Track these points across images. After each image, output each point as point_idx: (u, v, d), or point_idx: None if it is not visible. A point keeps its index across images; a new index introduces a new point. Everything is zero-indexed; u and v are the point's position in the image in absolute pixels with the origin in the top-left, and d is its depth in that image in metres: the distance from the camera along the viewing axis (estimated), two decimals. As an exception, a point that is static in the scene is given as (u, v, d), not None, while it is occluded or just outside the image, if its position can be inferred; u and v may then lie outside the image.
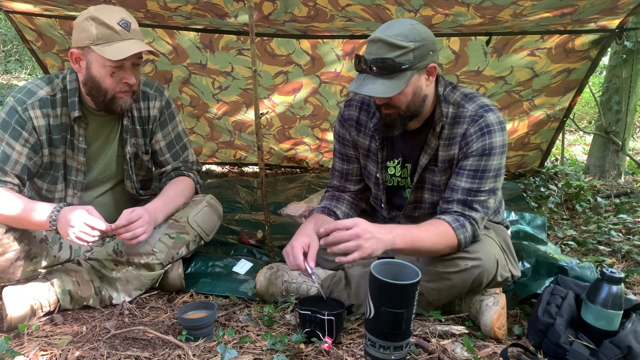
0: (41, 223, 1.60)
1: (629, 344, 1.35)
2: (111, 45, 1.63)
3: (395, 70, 1.48)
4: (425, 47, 1.50)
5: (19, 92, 1.73)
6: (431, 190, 1.72)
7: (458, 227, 1.54)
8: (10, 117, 1.69)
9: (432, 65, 1.54)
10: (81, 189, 1.88)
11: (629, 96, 4.12)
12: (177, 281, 1.87)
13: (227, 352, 1.36)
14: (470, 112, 1.59)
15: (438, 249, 1.54)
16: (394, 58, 1.47)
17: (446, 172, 1.66)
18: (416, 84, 1.54)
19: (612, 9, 2.44)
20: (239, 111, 3.69)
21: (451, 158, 1.63)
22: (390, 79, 1.49)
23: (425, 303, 1.62)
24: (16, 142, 1.69)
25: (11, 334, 1.54)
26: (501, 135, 1.57)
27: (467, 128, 1.58)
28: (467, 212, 1.57)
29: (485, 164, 1.57)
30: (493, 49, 3.03)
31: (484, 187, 1.58)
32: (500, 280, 1.63)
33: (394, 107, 1.56)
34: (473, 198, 1.58)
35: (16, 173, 1.70)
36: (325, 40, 3.10)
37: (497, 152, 1.57)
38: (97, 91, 1.71)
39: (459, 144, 1.60)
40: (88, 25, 1.64)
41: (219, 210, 2.03)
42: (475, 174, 1.58)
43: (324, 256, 1.85)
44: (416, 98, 1.56)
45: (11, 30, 8.24)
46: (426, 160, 1.66)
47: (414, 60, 1.48)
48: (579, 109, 7.95)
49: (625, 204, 3.22)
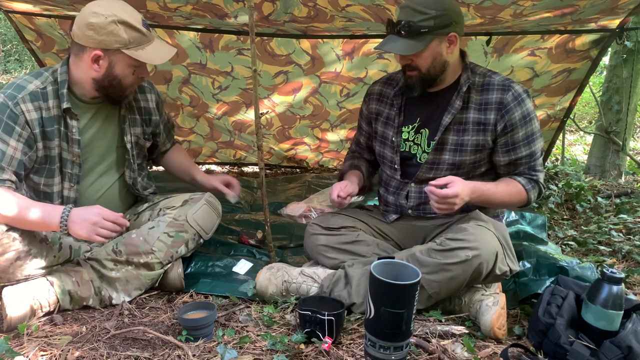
0: (49, 224, 1.62)
1: (629, 344, 1.35)
2: (144, 48, 1.73)
3: (416, 32, 1.68)
4: (447, 17, 1.69)
5: (8, 88, 1.73)
6: (453, 150, 1.82)
7: (530, 188, 1.81)
8: (2, 113, 1.68)
9: (453, 34, 1.72)
10: (77, 181, 1.87)
11: (630, 96, 4.12)
12: (177, 281, 1.87)
13: (227, 352, 1.36)
14: (497, 81, 1.80)
15: (512, 203, 1.84)
16: (417, 22, 1.67)
17: (479, 134, 1.80)
18: (436, 49, 1.72)
19: (612, 9, 2.44)
20: (239, 111, 3.69)
21: (486, 122, 1.78)
22: (411, 40, 1.69)
23: (425, 297, 1.63)
24: (10, 138, 1.68)
25: (11, 334, 1.54)
26: (530, 100, 1.81)
27: (502, 97, 1.76)
28: (534, 175, 1.82)
29: (530, 129, 1.79)
30: (493, 48, 3.03)
31: (537, 148, 1.82)
32: (499, 273, 1.63)
33: (416, 69, 1.76)
34: (534, 162, 1.82)
35: (13, 169, 1.69)
36: (325, 40, 3.09)
37: (534, 116, 1.81)
38: (116, 88, 1.79)
39: (495, 110, 1.77)
40: (117, 29, 1.67)
41: (218, 209, 2.03)
42: (528, 141, 1.79)
43: (324, 253, 1.87)
44: (436, 62, 1.74)
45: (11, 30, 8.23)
46: (449, 119, 1.79)
47: (435, 26, 1.68)
48: (580, 109, 7.95)
49: (626, 204, 3.22)
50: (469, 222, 1.69)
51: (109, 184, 1.97)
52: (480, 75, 1.82)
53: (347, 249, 1.85)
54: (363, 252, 1.83)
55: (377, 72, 3.29)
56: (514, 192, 1.80)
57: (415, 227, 1.94)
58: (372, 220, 2.00)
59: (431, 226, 1.90)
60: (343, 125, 3.78)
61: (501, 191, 1.79)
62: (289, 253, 2.31)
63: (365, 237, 1.89)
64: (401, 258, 1.65)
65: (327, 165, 4.20)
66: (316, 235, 1.90)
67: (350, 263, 1.76)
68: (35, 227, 1.65)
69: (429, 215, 1.91)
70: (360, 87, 3.42)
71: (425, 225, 1.92)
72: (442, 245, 1.63)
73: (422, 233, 1.91)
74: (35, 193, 1.86)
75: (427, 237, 1.88)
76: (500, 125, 1.77)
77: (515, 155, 1.81)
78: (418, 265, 1.57)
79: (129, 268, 1.78)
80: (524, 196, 1.81)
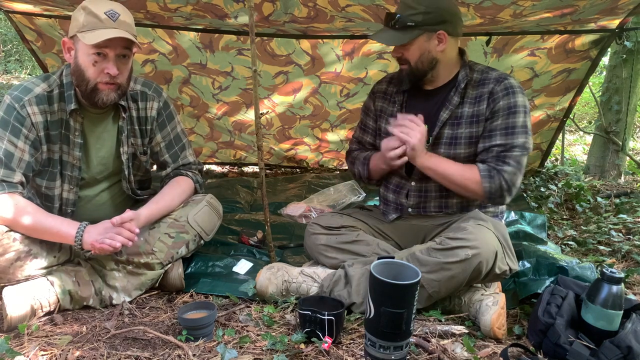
0: (65, 237, 1.69)
1: (629, 344, 1.35)
2: (93, 32, 1.63)
3: (404, 25, 1.74)
4: (437, 14, 1.73)
5: (15, 90, 1.74)
6: (448, 144, 1.84)
7: (486, 176, 1.74)
8: (9, 115, 1.70)
9: (442, 32, 1.75)
10: (77, 184, 1.87)
11: (629, 96, 4.11)
12: (177, 281, 1.87)
13: (227, 352, 1.36)
14: (494, 76, 1.82)
15: (463, 183, 1.77)
16: (406, 15, 1.73)
17: (472, 126, 1.81)
18: (424, 44, 1.77)
19: (612, 9, 2.44)
20: (239, 111, 3.69)
21: (479, 113, 1.80)
22: (398, 32, 1.77)
23: (425, 296, 1.63)
24: (17, 140, 1.70)
25: (11, 334, 1.54)
26: (523, 97, 1.78)
27: (494, 87, 1.79)
28: (499, 166, 1.74)
29: (513, 121, 1.75)
30: (493, 49, 3.03)
31: (516, 142, 1.74)
32: (499, 272, 1.63)
33: (405, 62, 1.83)
34: (506, 154, 1.74)
35: (22, 171, 1.70)
36: (325, 40, 3.10)
37: (521, 111, 1.76)
38: (81, 80, 1.72)
39: (486, 100, 1.79)
40: (78, 14, 1.67)
41: (218, 210, 2.03)
42: (507, 132, 1.75)
43: (324, 253, 1.87)
44: (424, 58, 1.79)
45: (11, 30, 8.22)
46: (447, 115, 1.82)
47: (422, 22, 1.73)
48: (579, 109, 7.94)
49: (626, 204, 3.22)
50: (468, 221, 1.69)
51: (109, 191, 1.98)
52: (478, 72, 1.85)
53: (347, 248, 1.85)
54: (363, 251, 1.84)
55: (377, 72, 3.30)
56: (467, 173, 1.76)
57: (415, 226, 1.95)
58: (372, 220, 2.01)
59: (431, 225, 1.91)
60: (343, 126, 3.78)
61: (455, 166, 1.78)
62: (289, 253, 2.31)
63: (366, 236, 1.89)
64: (401, 257, 1.66)
65: (327, 165, 4.20)
66: (316, 235, 1.91)
67: (350, 263, 1.76)
68: (52, 238, 1.71)
69: (429, 214, 1.91)
70: (360, 87, 3.42)
71: (425, 224, 1.92)
72: (442, 245, 1.63)
73: (422, 232, 1.92)
74: (37, 195, 1.87)
75: (427, 236, 1.89)
76: (487, 112, 1.79)
77: (489, 142, 1.77)
78: (418, 264, 1.58)
79: (130, 268, 1.78)
80: (477, 180, 1.74)
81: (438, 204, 1.90)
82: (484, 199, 1.80)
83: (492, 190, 1.73)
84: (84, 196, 1.92)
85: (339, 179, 3.61)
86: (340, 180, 3.51)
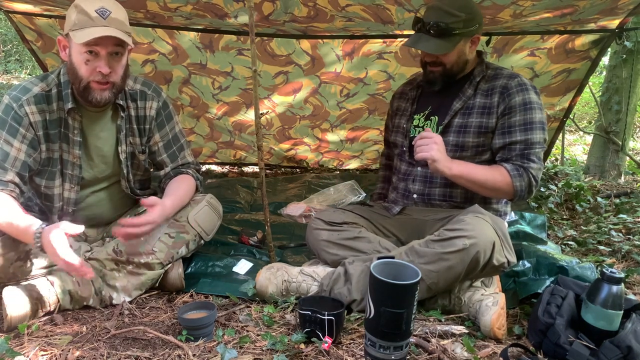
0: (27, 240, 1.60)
1: (629, 344, 1.35)
2: (83, 30, 1.62)
3: (447, 33, 1.81)
4: (474, 20, 1.83)
5: (14, 90, 1.74)
6: (457, 132, 1.90)
7: (515, 175, 1.79)
8: (7, 115, 1.70)
9: (477, 36, 1.88)
10: (77, 182, 1.87)
11: (629, 96, 4.12)
12: (177, 281, 1.87)
13: (227, 352, 1.36)
14: (507, 72, 1.92)
15: (494, 186, 1.80)
16: (448, 23, 1.79)
17: (482, 117, 1.88)
18: (462, 48, 1.87)
19: (612, 9, 2.44)
20: (239, 111, 3.69)
21: (490, 105, 1.88)
22: (442, 40, 1.82)
23: (424, 289, 1.63)
24: (14, 139, 1.70)
25: (11, 334, 1.54)
26: (536, 94, 1.86)
27: (507, 82, 1.87)
28: (525, 163, 1.80)
29: (530, 116, 1.81)
30: (493, 49, 3.03)
31: (536, 137, 1.81)
32: (497, 264, 1.64)
33: (440, 65, 1.89)
34: (529, 150, 1.80)
35: (16, 170, 1.70)
36: (325, 40, 3.09)
37: (537, 107, 1.83)
38: (74, 79, 1.71)
39: (499, 94, 1.86)
40: (71, 12, 1.67)
41: (218, 210, 2.03)
42: (526, 128, 1.81)
43: (325, 249, 1.88)
44: (460, 60, 1.90)
45: (11, 30, 8.23)
46: (459, 105, 1.91)
47: (463, 28, 1.81)
48: (579, 109, 7.95)
49: (626, 204, 3.22)
50: (467, 214, 1.71)
51: (108, 187, 1.97)
52: (492, 69, 1.96)
53: (348, 245, 1.86)
54: (364, 249, 1.84)
55: (377, 73, 3.29)
56: (497, 175, 1.80)
57: (417, 221, 1.97)
58: (374, 215, 2.03)
59: (432, 220, 1.92)
60: (343, 126, 3.78)
61: (482, 169, 1.82)
62: (289, 253, 2.31)
63: (367, 234, 1.90)
64: (400, 252, 1.68)
65: (327, 166, 4.20)
66: (318, 231, 1.92)
67: (351, 260, 1.77)
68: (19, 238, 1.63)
69: (433, 202, 1.96)
70: (360, 87, 3.42)
71: (427, 219, 1.93)
72: (439, 236, 1.65)
73: (424, 227, 1.92)
74: (37, 195, 1.87)
75: (428, 232, 1.89)
76: (501, 107, 1.85)
77: (509, 138, 1.83)
78: (416, 256, 1.61)
79: (130, 268, 1.78)
80: (507, 181, 1.79)
81: (442, 192, 1.95)
82: (511, 198, 1.86)
83: (522, 188, 1.80)
84: (84, 195, 1.92)
85: (339, 179, 3.62)
86: (340, 180, 3.51)
